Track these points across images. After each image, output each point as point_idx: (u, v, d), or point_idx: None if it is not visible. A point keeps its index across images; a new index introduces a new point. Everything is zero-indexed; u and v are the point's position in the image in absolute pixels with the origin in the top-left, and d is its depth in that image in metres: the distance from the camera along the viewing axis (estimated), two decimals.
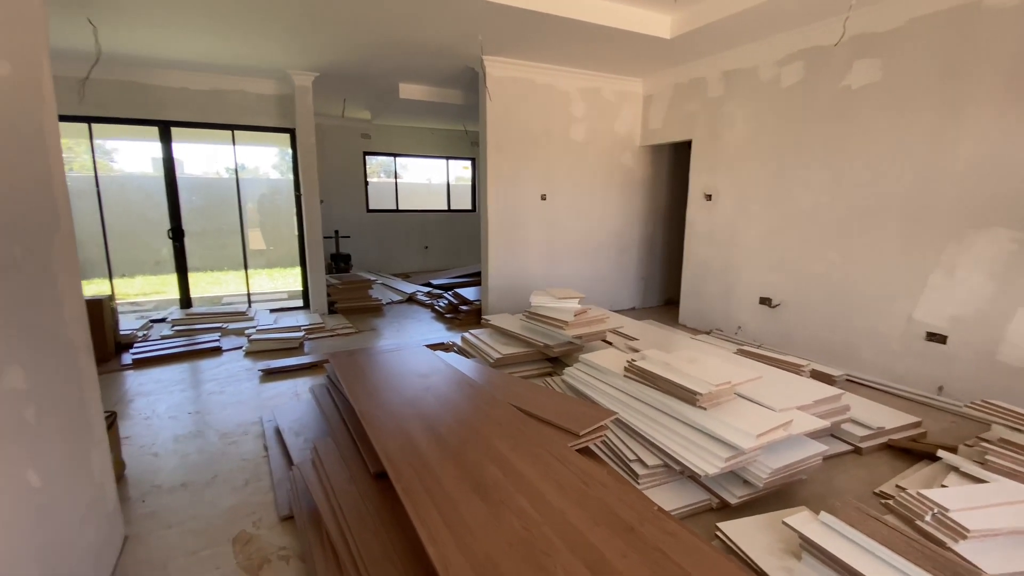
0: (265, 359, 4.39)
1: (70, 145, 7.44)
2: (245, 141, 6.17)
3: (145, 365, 4.27)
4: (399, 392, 2.58)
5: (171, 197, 5.69)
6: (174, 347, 4.59)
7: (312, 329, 5.18)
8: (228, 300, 7.57)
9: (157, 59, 4.96)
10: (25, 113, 1.55)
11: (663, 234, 6.34)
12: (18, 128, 1.51)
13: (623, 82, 5.61)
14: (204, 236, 10.61)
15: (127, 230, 9.77)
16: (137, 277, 9.85)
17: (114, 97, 5.20)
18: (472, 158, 9.97)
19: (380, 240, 9.19)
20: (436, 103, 6.37)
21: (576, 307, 3.66)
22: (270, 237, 11.27)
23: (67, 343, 1.72)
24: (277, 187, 11.39)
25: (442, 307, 6.07)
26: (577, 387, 3.02)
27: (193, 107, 5.53)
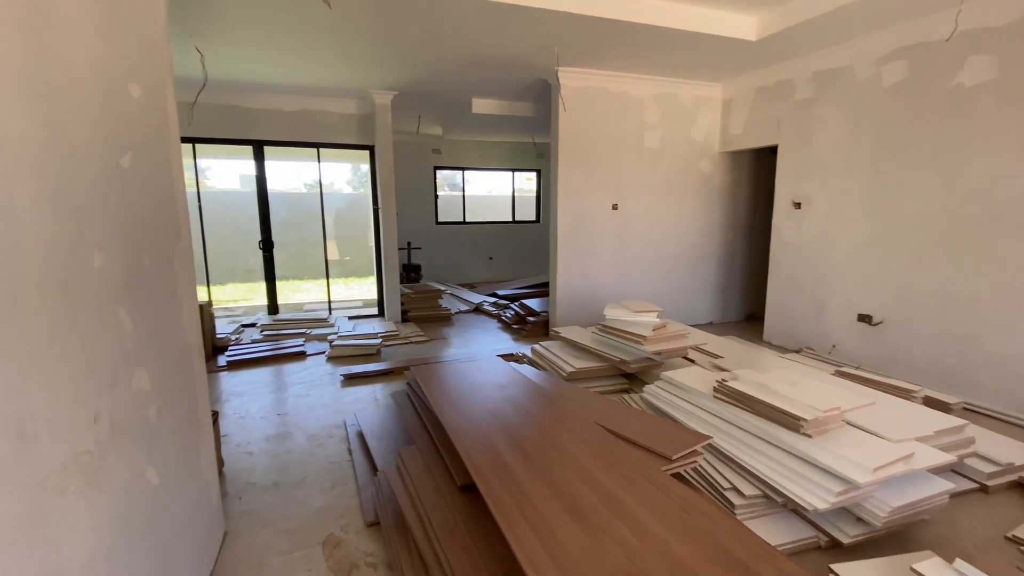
0: (346, 364, 4.57)
1: None
2: (325, 158, 6.53)
3: (238, 367, 4.57)
4: (480, 403, 2.57)
5: (262, 211, 6.12)
6: (263, 351, 4.89)
7: (388, 336, 5.34)
8: (309, 307, 8.02)
9: (252, 83, 5.38)
10: (154, 133, 1.69)
11: (744, 244, 6.00)
12: (150, 147, 1.65)
13: (700, 87, 5.40)
14: (288, 247, 11.36)
15: (222, 241, 10.66)
16: (229, 284, 10.73)
17: (215, 120, 5.69)
18: (537, 169, 10.00)
19: (447, 251, 9.40)
20: (506, 116, 6.44)
21: (655, 321, 3.51)
22: (345, 248, 11.88)
23: (184, 346, 1.84)
24: (352, 201, 12.02)
25: (508, 318, 6.07)
26: (659, 406, 2.88)
27: (283, 127, 5.94)
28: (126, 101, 1.46)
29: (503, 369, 3.16)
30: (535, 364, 4.06)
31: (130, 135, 1.49)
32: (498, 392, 2.75)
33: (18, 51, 0.97)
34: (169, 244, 1.75)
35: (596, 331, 3.83)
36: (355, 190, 14.73)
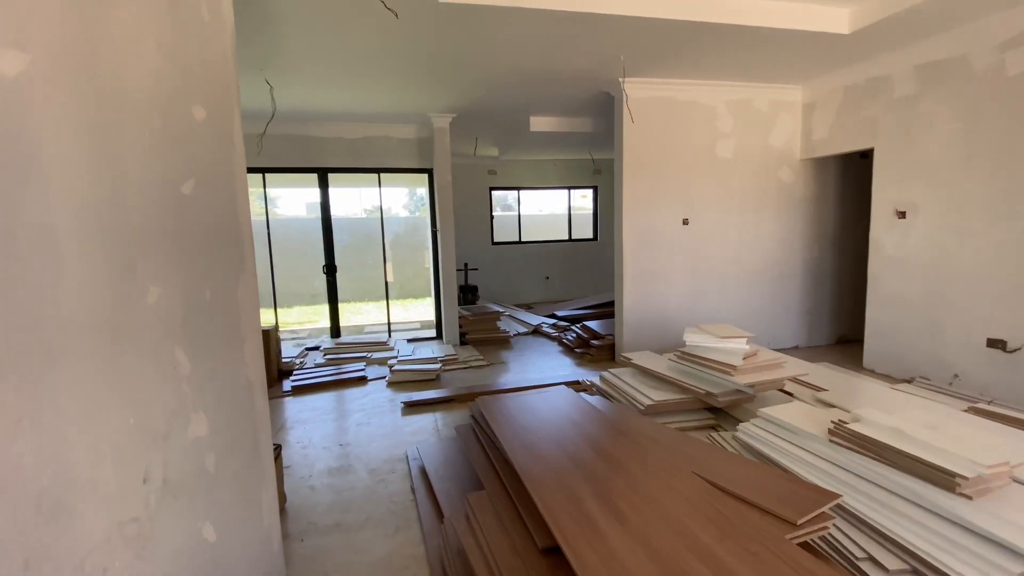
0: (406, 390, 4.46)
1: None
2: (384, 183, 6.60)
3: (302, 392, 4.57)
4: (555, 443, 2.31)
5: (326, 236, 6.23)
6: (326, 375, 4.88)
7: (447, 361, 5.21)
8: (370, 329, 8.10)
9: (317, 113, 5.53)
10: (220, 158, 1.61)
11: (832, 259, 5.43)
12: (214, 172, 1.56)
13: (778, 90, 4.99)
14: (350, 270, 11.69)
15: (290, 266, 11.12)
16: (295, 307, 11.15)
17: (283, 148, 5.89)
18: (594, 186, 9.73)
19: (503, 271, 9.27)
20: (564, 133, 6.27)
21: (744, 348, 3.13)
22: (402, 271, 12.09)
23: (246, 383, 1.73)
24: (409, 224, 12.27)
25: (570, 340, 5.79)
26: (759, 448, 2.50)
27: (345, 153, 6.06)
28: (189, 124, 1.37)
29: (574, 401, 2.89)
30: (605, 394, 3.75)
31: (193, 160, 1.40)
32: (572, 429, 2.48)
33: (67, 64, 0.87)
34: (233, 275, 1.66)
35: (674, 358, 3.48)
36: (411, 213, 15.10)
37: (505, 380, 4.69)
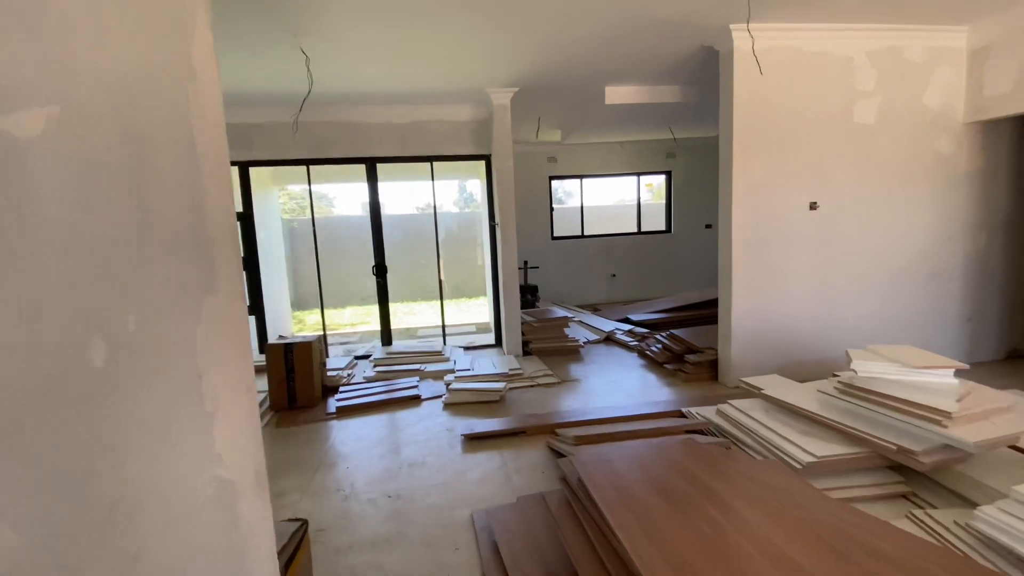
0: (465, 413, 3.76)
1: (284, 191, 8.27)
2: (437, 175, 5.91)
3: (348, 414, 3.96)
4: (704, 542, 1.49)
5: (376, 235, 5.64)
6: (375, 393, 4.26)
7: (510, 377, 4.46)
8: (423, 332, 7.52)
9: (363, 94, 4.91)
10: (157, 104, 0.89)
11: (1001, 252, 4.22)
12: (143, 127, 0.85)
13: (937, 34, 3.85)
14: (402, 269, 11.24)
15: (344, 266, 10.81)
16: (348, 308, 10.83)
17: (329, 137, 5.33)
18: (667, 171, 8.68)
19: (565, 269, 8.43)
20: (643, 107, 5.34)
21: (956, 385, 2.16)
22: (455, 269, 11.50)
23: (221, 484, 1.02)
24: (462, 220, 11.67)
25: (654, 352, 4.89)
26: (1017, 550, 1.57)
27: (394, 141, 5.43)
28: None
29: (710, 461, 2.04)
30: (728, 435, 2.87)
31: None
32: (721, 515, 1.65)
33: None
34: (190, 299, 0.94)
35: (834, 392, 2.54)
36: (460, 209, 14.53)
37: (584, 405, 3.89)
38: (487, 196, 5.74)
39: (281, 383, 4.12)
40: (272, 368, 4.11)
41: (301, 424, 3.82)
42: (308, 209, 6.09)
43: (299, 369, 4.14)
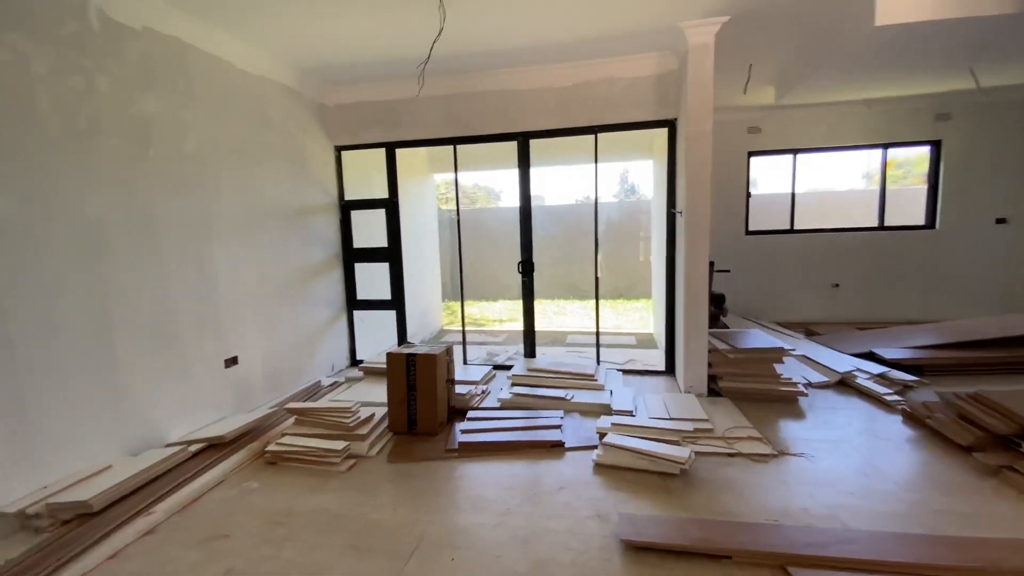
0: (626, 487, 2.55)
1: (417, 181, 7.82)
2: (601, 155, 4.68)
3: (472, 454, 3.08)
4: None
5: (524, 227, 4.68)
6: (509, 428, 3.31)
7: (695, 436, 3.10)
8: (572, 339, 6.46)
9: (515, 52, 3.94)
10: None
11: None
12: None
13: None
14: (553, 265, 10.34)
15: (491, 259, 10.32)
16: (499, 301, 10.33)
17: (475, 111, 4.52)
18: (933, 141, 6.08)
19: (763, 274, 6.51)
20: (935, 30, 3.38)
21: None
22: (612, 267, 10.14)
23: None
24: (621, 212, 10.24)
25: (943, 423, 3.03)
26: None
27: (553, 110, 4.38)
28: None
29: None
30: None
31: None
32: None
33: None
34: None
35: None
36: (619, 199, 12.97)
37: (829, 511, 2.36)
38: (667, 175, 4.35)
39: (401, 403, 3.41)
40: (392, 382, 3.43)
41: (416, 460, 3.05)
42: (473, 200, 5.46)
43: (421, 387, 3.38)
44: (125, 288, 2.85)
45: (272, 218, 4.07)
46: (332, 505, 2.58)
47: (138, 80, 2.94)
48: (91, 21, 2.67)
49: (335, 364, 4.97)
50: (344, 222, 5.05)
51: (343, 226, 5.05)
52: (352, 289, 5.14)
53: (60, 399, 2.51)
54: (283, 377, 4.19)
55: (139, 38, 2.95)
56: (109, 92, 2.76)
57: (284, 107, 4.23)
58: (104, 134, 2.74)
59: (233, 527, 2.42)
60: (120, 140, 2.82)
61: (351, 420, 3.22)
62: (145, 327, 2.98)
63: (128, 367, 2.88)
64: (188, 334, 3.28)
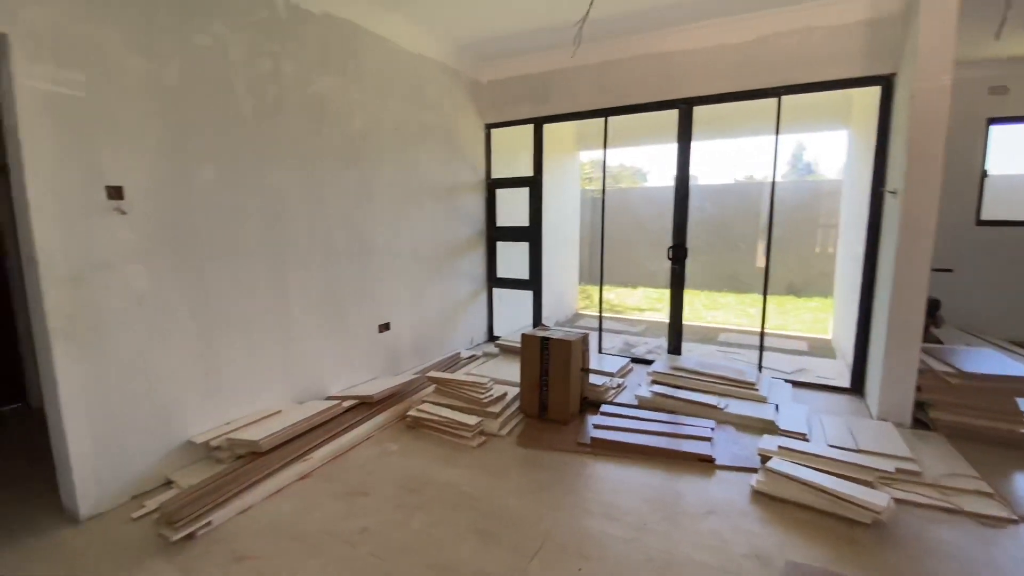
0: (794, 527, 2.09)
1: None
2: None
3: (605, 451, 2.84)
4: None
5: (679, 209, 4.18)
6: (647, 431, 2.99)
7: (895, 478, 2.44)
8: (726, 338, 5.76)
9: (679, 6, 3.43)
10: None
11: None
12: None
13: None
14: (706, 251, 9.37)
15: (634, 242, 9.72)
16: (639, 288, 9.74)
17: (631, 78, 4.11)
18: None
19: (995, 276, 5.03)
20: None
21: None
22: (781, 257, 8.81)
23: None
24: (796, 193, 8.77)
25: None
26: None
27: (725, 71, 3.78)
28: None
29: None
30: None
31: None
32: None
33: None
34: None
35: None
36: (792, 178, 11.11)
37: None
38: (875, 147, 3.49)
39: (534, 387, 3.30)
40: (526, 364, 3.32)
41: (545, 449, 2.91)
42: (616, 180, 5.14)
43: (554, 372, 3.22)
44: (299, 253, 3.15)
45: (425, 194, 4.22)
46: (462, 481, 2.57)
47: (316, 62, 3.17)
48: (279, 8, 2.93)
49: (474, 338, 5.09)
50: (489, 200, 5.08)
51: (488, 204, 5.08)
52: (493, 267, 5.18)
53: (245, 348, 2.87)
54: (427, 345, 4.38)
55: (318, 22, 3.18)
56: (292, 74, 3.02)
57: (440, 85, 4.32)
58: (286, 113, 3.01)
59: (372, 485, 2.54)
60: (299, 118, 3.09)
61: (485, 396, 3.20)
62: (315, 290, 3.28)
63: (300, 324, 3.20)
64: (350, 299, 3.55)
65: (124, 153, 2.29)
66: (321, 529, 2.19)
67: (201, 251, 2.62)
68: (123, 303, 2.32)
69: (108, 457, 2.30)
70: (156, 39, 2.37)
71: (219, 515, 2.22)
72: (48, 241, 2.07)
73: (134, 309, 2.36)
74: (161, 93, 2.41)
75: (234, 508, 2.29)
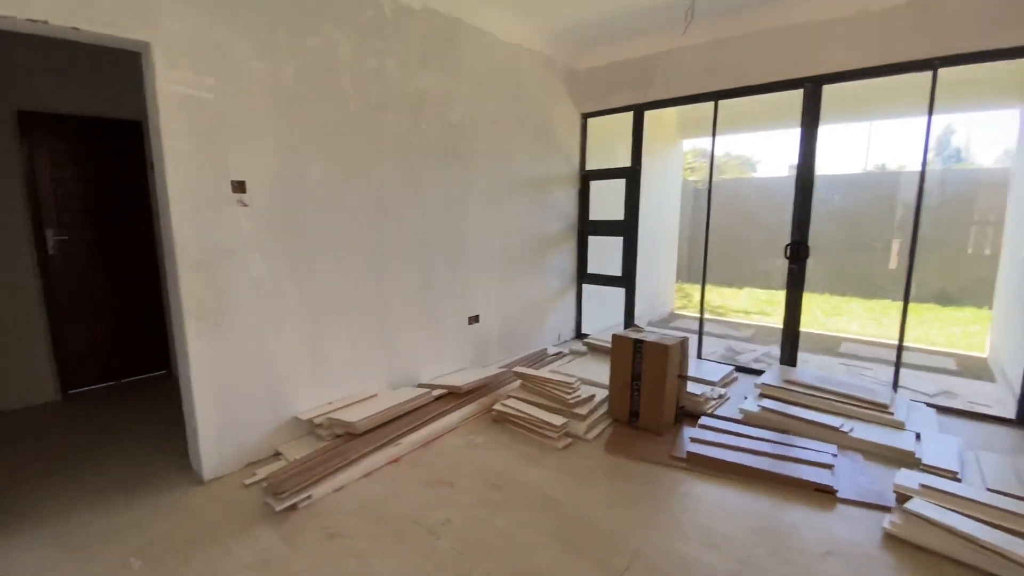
0: None
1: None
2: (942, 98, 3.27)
3: (703, 468, 2.60)
4: None
5: (801, 201, 3.71)
6: (754, 452, 2.69)
7: None
8: (848, 349, 5.08)
9: None
10: None
11: None
12: None
13: None
14: (829, 250, 8.35)
15: (742, 238, 8.92)
16: (746, 288, 8.95)
17: (748, 56, 3.71)
18: None
19: None
20: None
21: None
22: (924, 258, 7.58)
23: None
24: (941, 183, 7.43)
25: None
26: None
27: (864, 42, 3.26)
28: None
29: None
30: None
31: None
32: None
33: None
34: None
35: None
36: (935, 166, 9.41)
37: None
38: None
39: (624, 390, 3.12)
40: (616, 366, 3.15)
41: (635, 459, 2.73)
42: (721, 170, 4.74)
43: (647, 378, 3.02)
44: (396, 245, 3.26)
45: (518, 187, 4.18)
46: (546, 483, 2.49)
47: (417, 58, 3.24)
48: (384, 7, 3.01)
49: (561, 334, 4.98)
50: (582, 193, 4.91)
51: (581, 197, 4.92)
52: (583, 262, 5.02)
53: (346, 334, 3.03)
54: (514, 339, 4.36)
55: (420, 18, 3.23)
56: (395, 71, 3.11)
57: (536, 76, 4.24)
58: (389, 109, 3.10)
59: (457, 476, 2.55)
60: (400, 114, 3.17)
61: (572, 396, 3.09)
62: (410, 280, 3.38)
63: (396, 313, 3.31)
64: (442, 290, 3.62)
65: (246, 150, 2.48)
66: (407, 515, 2.23)
67: (310, 242, 2.79)
68: (243, 288, 2.53)
69: (228, 426, 2.54)
70: (276, 43, 2.54)
71: (318, 491, 2.35)
72: (184, 230, 2.31)
73: (252, 294, 2.57)
74: (279, 94, 2.58)
75: (331, 485, 2.41)
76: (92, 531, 2.11)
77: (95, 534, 2.09)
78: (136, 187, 3.85)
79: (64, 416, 3.30)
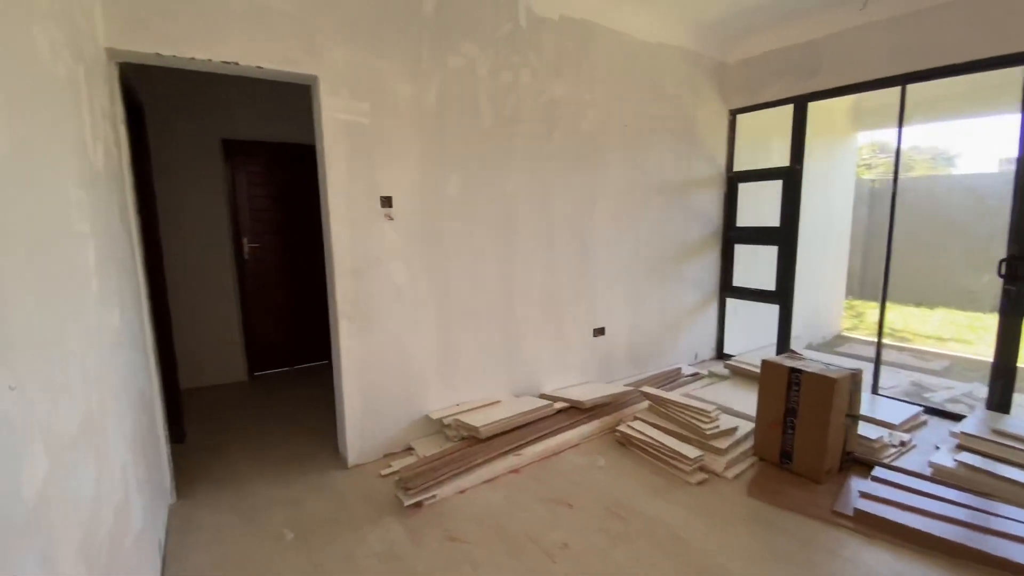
0: None
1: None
2: None
3: (876, 533, 2.14)
4: None
5: (1019, 203, 2.90)
6: (945, 516, 2.14)
7: None
8: None
9: None
10: None
11: None
12: None
13: None
14: None
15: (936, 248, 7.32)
16: (939, 310, 7.32)
17: (943, 30, 3.00)
18: None
19: None
20: None
21: None
22: None
23: None
24: None
25: None
26: None
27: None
28: None
29: None
30: None
31: None
32: None
33: None
34: None
35: None
36: None
37: None
38: None
39: (774, 426, 2.72)
40: (766, 397, 2.76)
41: (785, 508, 2.36)
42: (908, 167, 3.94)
43: (805, 415, 2.59)
44: (523, 254, 3.28)
45: (652, 192, 3.94)
46: (675, 521, 2.27)
47: (551, 68, 3.22)
48: (520, 19, 3.05)
49: (698, 353, 4.58)
50: (729, 196, 4.46)
51: (727, 201, 4.47)
52: (728, 273, 4.55)
53: (475, 340, 3.13)
54: (644, 355, 4.12)
55: (555, 27, 3.21)
56: (528, 83, 3.13)
57: (679, 73, 3.95)
58: (521, 121, 3.14)
59: (577, 497, 2.46)
60: (532, 125, 3.19)
61: (709, 427, 2.79)
62: (536, 290, 3.38)
63: (522, 322, 3.34)
64: (567, 301, 3.55)
65: (393, 168, 2.70)
66: (524, 532, 2.20)
67: (445, 252, 2.94)
68: (387, 293, 2.75)
69: (370, 416, 2.78)
70: (420, 65, 2.72)
71: (442, 491, 2.45)
72: (341, 240, 2.58)
73: (394, 299, 2.78)
74: (422, 114, 2.76)
75: (454, 487, 2.49)
76: (257, 502, 2.46)
77: (259, 504, 2.43)
78: (312, 203, 4.45)
79: (250, 394, 3.94)
